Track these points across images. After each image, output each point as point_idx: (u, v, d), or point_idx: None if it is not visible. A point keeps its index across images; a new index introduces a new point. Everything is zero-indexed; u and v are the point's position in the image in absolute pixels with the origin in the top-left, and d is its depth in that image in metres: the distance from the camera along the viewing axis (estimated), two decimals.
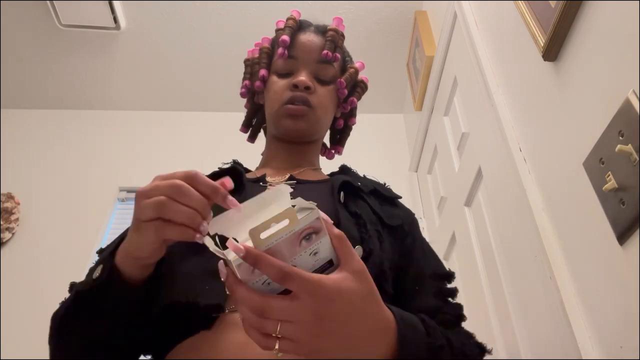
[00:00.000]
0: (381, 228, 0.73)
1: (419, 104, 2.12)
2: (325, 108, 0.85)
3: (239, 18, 2.30)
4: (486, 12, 1.42)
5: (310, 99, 0.82)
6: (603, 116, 0.77)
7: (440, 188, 1.85)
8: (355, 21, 2.31)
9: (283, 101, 0.82)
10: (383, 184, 0.90)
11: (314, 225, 0.45)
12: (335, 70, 0.88)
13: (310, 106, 0.82)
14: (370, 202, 0.77)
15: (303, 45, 0.86)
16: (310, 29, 0.90)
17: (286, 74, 0.85)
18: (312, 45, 0.86)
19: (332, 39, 0.86)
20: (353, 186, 0.77)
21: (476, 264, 1.40)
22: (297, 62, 0.85)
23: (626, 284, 0.71)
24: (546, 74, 1.00)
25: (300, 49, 0.86)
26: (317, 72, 0.85)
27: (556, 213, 0.96)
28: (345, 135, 1.01)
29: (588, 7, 0.86)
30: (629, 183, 0.69)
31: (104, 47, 2.41)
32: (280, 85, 0.84)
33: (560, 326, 0.87)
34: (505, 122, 1.19)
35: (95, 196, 2.36)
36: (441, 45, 1.79)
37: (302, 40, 0.87)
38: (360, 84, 0.94)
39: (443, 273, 0.77)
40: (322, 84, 0.85)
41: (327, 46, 0.85)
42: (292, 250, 0.45)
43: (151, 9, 2.26)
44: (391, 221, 0.77)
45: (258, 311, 0.44)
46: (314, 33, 0.89)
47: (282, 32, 0.87)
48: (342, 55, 0.92)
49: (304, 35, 0.87)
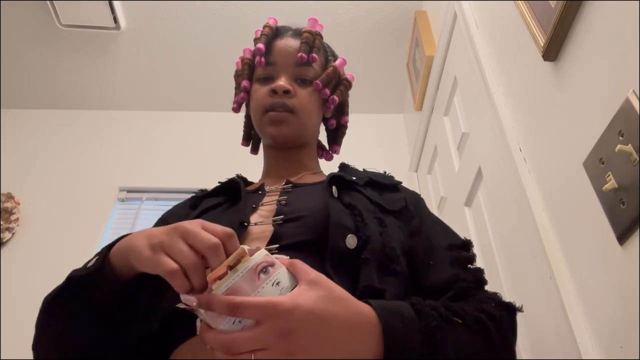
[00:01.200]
0: (383, 215, 0.73)
1: (419, 104, 2.12)
2: (308, 110, 0.85)
3: (238, 18, 2.30)
4: (486, 12, 1.42)
5: (291, 102, 0.82)
6: (603, 116, 0.77)
7: (440, 188, 1.85)
8: (356, 21, 2.31)
9: (264, 108, 0.83)
10: (383, 172, 0.90)
11: (265, 260, 0.48)
12: (315, 70, 0.87)
13: (291, 110, 0.83)
14: (367, 193, 0.77)
15: (280, 50, 0.87)
16: (287, 33, 0.90)
17: (266, 80, 0.86)
18: (288, 50, 0.86)
19: (306, 41, 0.86)
20: (346, 180, 0.77)
21: None
22: (275, 67, 0.86)
23: (626, 284, 0.71)
24: (546, 74, 1.00)
25: (277, 54, 0.86)
26: (297, 75, 0.86)
27: (556, 213, 0.96)
28: (340, 134, 1.01)
29: (588, 7, 0.85)
30: (629, 183, 0.69)
31: (104, 47, 2.42)
32: (261, 93, 0.85)
33: (560, 326, 0.87)
34: (505, 122, 1.19)
35: (95, 196, 2.36)
36: (441, 45, 1.79)
37: (279, 45, 0.87)
38: (344, 81, 0.93)
39: (458, 242, 0.76)
40: (302, 86, 0.85)
41: (302, 48, 0.85)
42: (253, 285, 0.47)
43: (151, 9, 2.26)
44: (393, 206, 0.77)
45: (227, 349, 0.45)
46: (291, 37, 0.89)
47: (257, 41, 0.88)
48: (324, 55, 0.91)
49: (281, 41, 0.88)
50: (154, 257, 0.50)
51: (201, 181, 2.36)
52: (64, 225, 2.26)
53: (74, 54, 2.45)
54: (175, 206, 0.90)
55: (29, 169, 2.47)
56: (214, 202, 0.79)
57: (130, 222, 2.30)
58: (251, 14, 2.28)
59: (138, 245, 0.53)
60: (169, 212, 0.87)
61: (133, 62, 2.49)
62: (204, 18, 2.30)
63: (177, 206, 0.89)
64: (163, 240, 0.51)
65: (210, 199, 0.83)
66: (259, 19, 2.29)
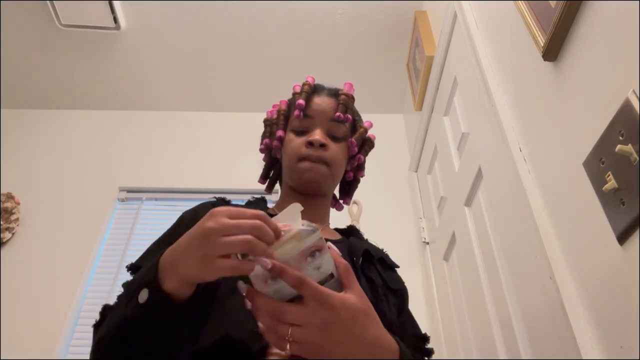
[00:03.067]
0: (387, 291, 0.82)
1: (419, 104, 2.12)
2: (339, 164, 0.92)
3: (239, 18, 2.30)
4: (486, 12, 1.42)
5: (325, 155, 0.89)
6: (603, 116, 0.77)
7: (440, 188, 1.85)
8: (356, 21, 2.31)
9: (300, 156, 0.90)
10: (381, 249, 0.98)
11: (317, 244, 0.54)
12: (346, 129, 0.95)
13: (325, 162, 0.89)
14: (378, 268, 0.85)
15: (317, 106, 0.94)
16: (324, 92, 0.97)
17: (302, 132, 0.93)
18: (325, 107, 0.94)
19: (344, 103, 0.94)
20: (369, 254, 0.86)
21: (476, 264, 1.40)
22: (312, 120, 0.93)
23: (626, 284, 0.71)
24: (546, 74, 1.00)
25: (315, 109, 0.94)
26: (331, 131, 0.93)
27: (556, 213, 0.96)
28: (354, 188, 1.08)
29: (588, 7, 0.86)
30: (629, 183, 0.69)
31: (104, 47, 2.42)
32: (297, 143, 0.91)
33: (560, 326, 0.87)
34: (505, 122, 1.19)
35: (95, 196, 2.36)
36: (441, 45, 1.79)
37: (316, 102, 0.95)
38: (368, 142, 1.01)
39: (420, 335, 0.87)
40: (335, 140, 0.92)
41: (340, 108, 0.93)
42: (300, 265, 0.54)
43: (151, 9, 2.26)
44: (394, 285, 0.86)
45: (274, 314, 0.52)
46: (327, 96, 0.96)
47: (298, 96, 0.95)
48: (353, 116, 0.98)
49: (318, 98, 0.95)
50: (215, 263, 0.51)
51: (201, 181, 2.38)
52: (64, 225, 2.26)
53: (74, 54, 2.45)
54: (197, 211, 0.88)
55: (29, 169, 2.47)
56: None
57: (130, 222, 2.30)
58: (251, 14, 2.28)
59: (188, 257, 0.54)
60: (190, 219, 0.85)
61: (133, 62, 2.49)
62: (203, 18, 2.30)
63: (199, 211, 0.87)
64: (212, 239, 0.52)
65: None
66: (259, 19, 2.30)
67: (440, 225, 1.86)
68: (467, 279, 1.50)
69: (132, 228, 2.27)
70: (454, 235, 1.65)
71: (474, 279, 1.42)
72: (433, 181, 1.99)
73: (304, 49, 2.42)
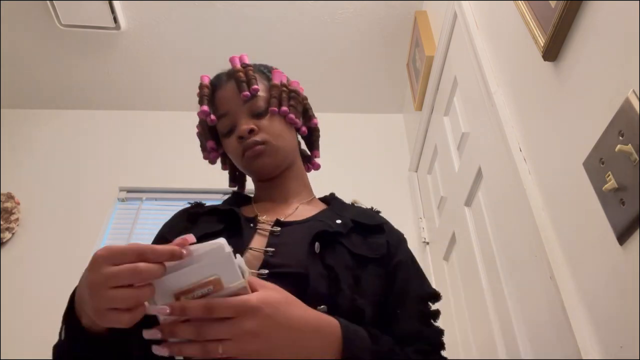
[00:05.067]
0: (361, 269, 0.75)
1: (419, 104, 2.12)
2: (277, 135, 0.88)
3: (239, 17, 2.30)
4: (486, 12, 1.42)
5: (259, 137, 0.86)
6: (603, 116, 0.77)
7: (440, 188, 1.85)
8: (356, 21, 2.31)
9: (241, 154, 0.87)
10: (370, 208, 0.93)
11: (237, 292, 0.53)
12: (263, 97, 0.90)
13: (264, 142, 0.86)
14: (350, 242, 0.78)
15: (223, 99, 0.90)
16: (222, 81, 0.92)
17: (230, 131, 0.89)
18: (231, 95, 0.90)
19: (239, 79, 0.89)
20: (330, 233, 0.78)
21: (476, 264, 1.40)
22: (229, 116, 0.89)
23: (626, 284, 0.71)
24: (546, 74, 1.00)
25: (224, 104, 0.90)
26: (251, 111, 0.88)
27: (556, 213, 0.96)
28: (315, 138, 1.03)
29: (588, 7, 0.86)
30: (629, 183, 0.69)
31: (104, 47, 2.42)
32: (233, 144, 0.88)
33: (560, 326, 0.87)
34: (505, 122, 1.19)
35: (95, 196, 2.36)
36: (441, 45, 1.79)
37: (220, 96, 0.91)
38: (292, 94, 0.94)
39: (426, 294, 0.79)
40: (260, 118, 0.88)
41: (240, 88, 0.88)
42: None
43: (151, 9, 2.26)
44: (374, 253, 0.79)
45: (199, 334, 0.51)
46: (227, 82, 0.91)
47: (199, 103, 0.91)
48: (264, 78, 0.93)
49: (221, 91, 0.91)
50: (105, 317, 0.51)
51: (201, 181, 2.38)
52: (64, 225, 2.26)
53: (74, 54, 2.45)
54: (172, 219, 0.90)
55: (29, 169, 2.47)
56: (212, 227, 0.79)
57: (130, 222, 2.30)
58: (251, 14, 2.28)
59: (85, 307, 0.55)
60: (167, 227, 0.87)
61: (133, 62, 2.49)
62: (203, 18, 2.30)
63: (174, 219, 0.89)
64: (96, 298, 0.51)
65: (208, 217, 0.84)
66: (259, 19, 2.30)
67: (440, 225, 1.86)
68: (467, 279, 1.50)
69: (132, 228, 2.27)
70: (454, 235, 1.65)
71: (474, 279, 1.42)
72: (433, 181, 1.99)
73: (303, 49, 2.42)
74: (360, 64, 2.49)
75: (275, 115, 0.89)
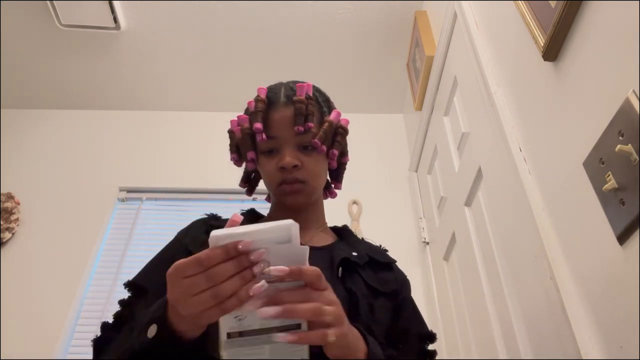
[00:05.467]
0: (374, 299, 0.80)
1: (419, 104, 2.12)
2: (317, 176, 0.89)
3: (238, 18, 2.30)
4: (486, 12, 1.42)
5: (300, 174, 0.85)
6: (603, 116, 0.77)
7: (440, 188, 1.85)
8: (356, 21, 2.31)
9: (277, 182, 0.86)
10: (379, 246, 0.95)
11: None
12: (314, 133, 0.88)
13: (303, 181, 0.86)
14: (365, 274, 0.83)
15: (278, 123, 0.87)
16: (280, 103, 0.89)
17: (271, 151, 0.88)
18: (286, 121, 0.87)
19: (299, 112, 0.87)
20: (350, 262, 0.83)
21: (476, 264, 1.40)
22: (277, 140, 0.87)
23: (626, 284, 0.71)
24: (546, 74, 1.00)
25: (276, 127, 0.87)
26: (300, 143, 0.87)
27: (556, 213, 0.96)
28: (341, 172, 1.04)
29: (588, 7, 0.86)
30: (629, 183, 0.69)
31: (104, 47, 2.42)
32: (270, 167, 0.87)
33: (560, 326, 0.87)
34: (505, 122, 1.19)
35: (95, 196, 2.36)
36: (441, 45, 1.79)
37: (275, 118, 0.87)
38: (339, 130, 0.94)
39: (427, 334, 0.85)
40: (306, 152, 0.87)
41: (297, 121, 0.86)
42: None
43: (151, 9, 2.26)
44: (385, 288, 0.84)
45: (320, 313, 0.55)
46: (284, 107, 0.88)
47: (254, 118, 0.88)
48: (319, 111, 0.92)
49: (277, 113, 0.88)
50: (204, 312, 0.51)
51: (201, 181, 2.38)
52: (64, 225, 2.26)
53: (74, 54, 2.45)
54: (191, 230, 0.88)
55: (29, 169, 2.47)
56: None
57: (130, 222, 2.30)
58: (250, 14, 2.28)
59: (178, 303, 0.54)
60: (189, 239, 0.85)
61: (133, 62, 2.49)
62: (204, 18, 2.30)
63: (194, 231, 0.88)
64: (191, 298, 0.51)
65: None
66: (259, 19, 2.30)
67: (440, 225, 1.86)
68: (467, 279, 1.50)
69: (132, 228, 2.27)
70: (454, 235, 1.65)
71: (474, 279, 1.42)
72: (433, 181, 1.99)
73: (304, 49, 2.42)
74: (360, 64, 2.49)
75: (321, 153, 0.89)
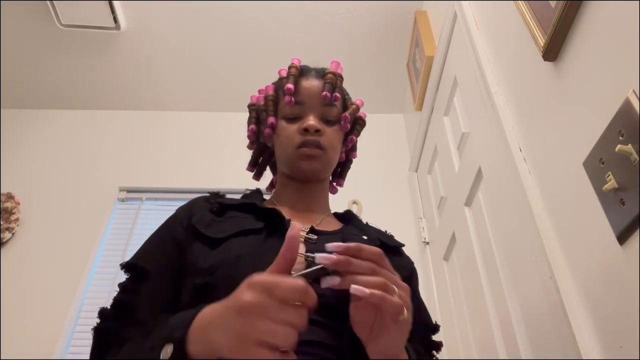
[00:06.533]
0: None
1: (419, 104, 2.12)
2: (335, 148, 0.91)
3: (238, 18, 2.30)
4: (486, 12, 1.42)
5: (321, 140, 0.87)
6: (603, 116, 0.77)
7: (440, 188, 1.85)
8: (356, 21, 2.31)
9: (296, 145, 0.87)
10: (384, 231, 0.96)
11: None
12: (338, 109, 0.93)
13: (322, 148, 0.87)
14: None
15: (307, 90, 0.91)
16: (311, 74, 0.94)
17: (294, 119, 0.90)
18: (315, 90, 0.91)
19: (330, 82, 0.91)
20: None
21: (476, 264, 1.40)
22: (303, 107, 0.90)
23: (626, 284, 0.71)
24: (546, 74, 1.00)
25: (304, 94, 0.91)
26: (323, 114, 0.90)
27: (556, 213, 0.96)
28: (346, 169, 1.06)
29: (588, 7, 0.86)
30: (629, 183, 0.69)
31: (104, 47, 2.42)
32: (291, 130, 0.89)
33: (560, 326, 0.87)
34: (505, 122, 1.19)
35: (95, 196, 2.36)
36: (441, 45, 1.79)
37: (305, 86, 0.91)
38: (359, 120, 0.99)
39: (432, 325, 0.85)
40: (328, 124, 0.90)
41: (327, 88, 0.90)
42: None
43: (151, 9, 2.26)
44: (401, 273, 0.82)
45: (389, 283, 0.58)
46: (315, 78, 0.93)
47: (286, 81, 0.91)
48: (342, 95, 0.97)
49: (307, 81, 0.92)
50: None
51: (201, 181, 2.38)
52: (64, 225, 2.26)
53: (74, 54, 2.45)
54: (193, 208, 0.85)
55: (29, 169, 2.47)
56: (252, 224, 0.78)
57: (130, 222, 2.30)
58: (250, 14, 2.28)
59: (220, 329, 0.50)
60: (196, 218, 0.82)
61: (133, 62, 2.49)
62: (203, 18, 2.30)
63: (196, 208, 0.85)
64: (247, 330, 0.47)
65: (238, 212, 0.82)
66: (259, 19, 2.30)
67: (440, 225, 1.86)
68: (467, 279, 1.50)
69: (132, 228, 2.27)
70: (454, 235, 1.65)
71: (474, 279, 1.42)
72: (433, 181, 1.99)
73: (304, 49, 2.42)
74: (360, 64, 2.49)
75: (339, 130, 0.92)
